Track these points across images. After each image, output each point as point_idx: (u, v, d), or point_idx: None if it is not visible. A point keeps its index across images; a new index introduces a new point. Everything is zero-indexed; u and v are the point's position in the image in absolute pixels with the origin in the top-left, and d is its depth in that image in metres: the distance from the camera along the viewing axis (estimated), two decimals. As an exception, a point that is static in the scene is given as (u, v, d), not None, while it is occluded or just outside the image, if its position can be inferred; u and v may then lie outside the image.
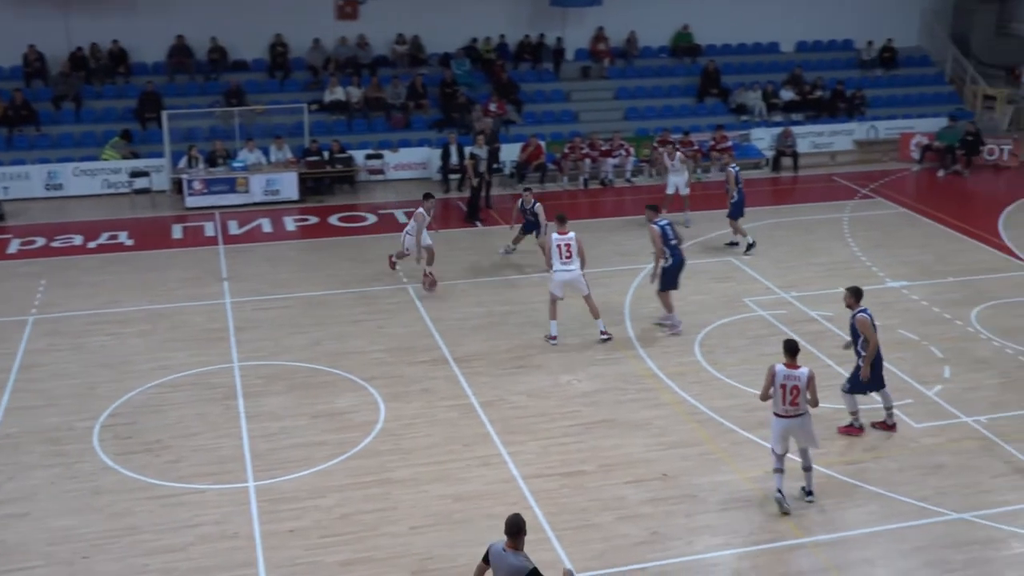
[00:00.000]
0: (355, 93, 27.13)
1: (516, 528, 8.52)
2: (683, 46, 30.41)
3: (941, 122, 28.59)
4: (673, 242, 16.67)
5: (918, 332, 16.81)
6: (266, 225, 22.81)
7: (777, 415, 11.83)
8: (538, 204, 19.67)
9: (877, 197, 24.85)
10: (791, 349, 11.78)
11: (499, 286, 19.05)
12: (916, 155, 28.11)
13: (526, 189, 20.62)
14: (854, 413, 13.71)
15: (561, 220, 16.50)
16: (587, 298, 16.43)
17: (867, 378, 13.37)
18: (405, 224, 22.52)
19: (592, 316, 16.47)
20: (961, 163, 27.17)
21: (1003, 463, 12.94)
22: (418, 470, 12.76)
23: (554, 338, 16.32)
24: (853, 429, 13.70)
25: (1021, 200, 24.72)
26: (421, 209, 18.58)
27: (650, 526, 11.64)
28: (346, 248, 21.38)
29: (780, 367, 11.71)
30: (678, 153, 22.85)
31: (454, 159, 25.06)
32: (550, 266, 16.35)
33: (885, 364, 13.60)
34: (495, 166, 24.53)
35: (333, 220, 23.26)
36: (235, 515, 11.83)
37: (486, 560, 8.66)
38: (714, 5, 30.43)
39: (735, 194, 20.58)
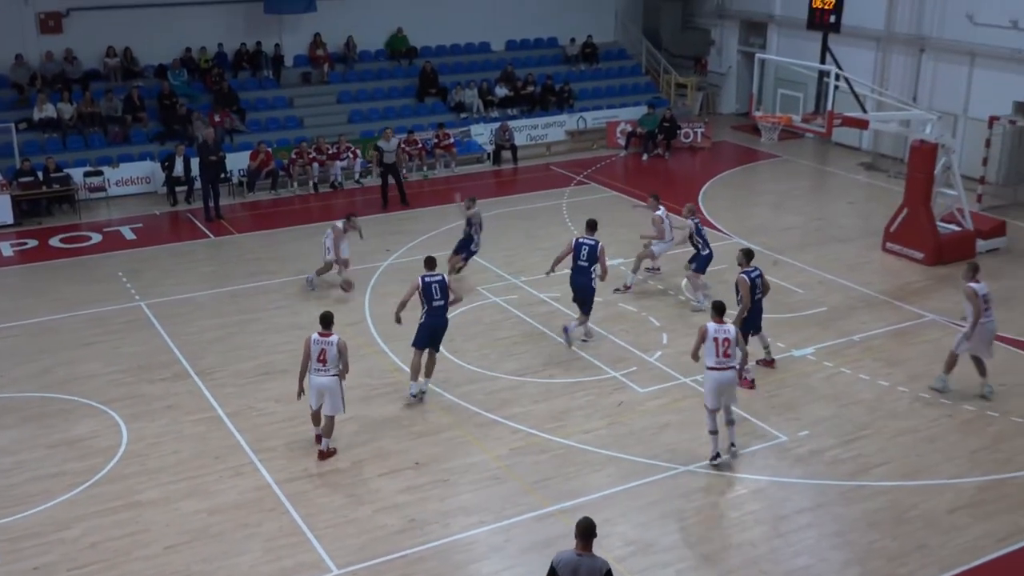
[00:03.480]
0: (67, 109, 25.84)
1: (588, 530, 8.59)
2: (399, 49, 30.99)
3: (641, 110, 30.69)
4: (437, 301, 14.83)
5: (637, 304, 18.16)
6: (-21, 252, 21.42)
7: (711, 368, 12.76)
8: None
9: (591, 183, 26.42)
10: (719, 308, 13.00)
11: (234, 296, 18.85)
12: (622, 141, 30.06)
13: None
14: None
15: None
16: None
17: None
18: (133, 240, 21.93)
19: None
20: (662, 147, 29.40)
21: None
22: (168, 488, 12.58)
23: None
24: (744, 382, 14.79)
25: (716, 177, 27.07)
26: (339, 223, 18.69)
27: (407, 514, 12.03)
28: (71, 270, 20.43)
29: (710, 324, 12.78)
30: None
31: (179, 171, 24.44)
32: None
33: (610, 336, 14.52)
34: (222, 175, 24.14)
35: (54, 242, 22.13)
36: (-27, 560, 11.25)
37: None
38: (425, 8, 31.17)
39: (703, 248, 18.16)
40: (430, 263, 14.92)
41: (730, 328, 12.84)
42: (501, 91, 30.56)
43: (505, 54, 32.64)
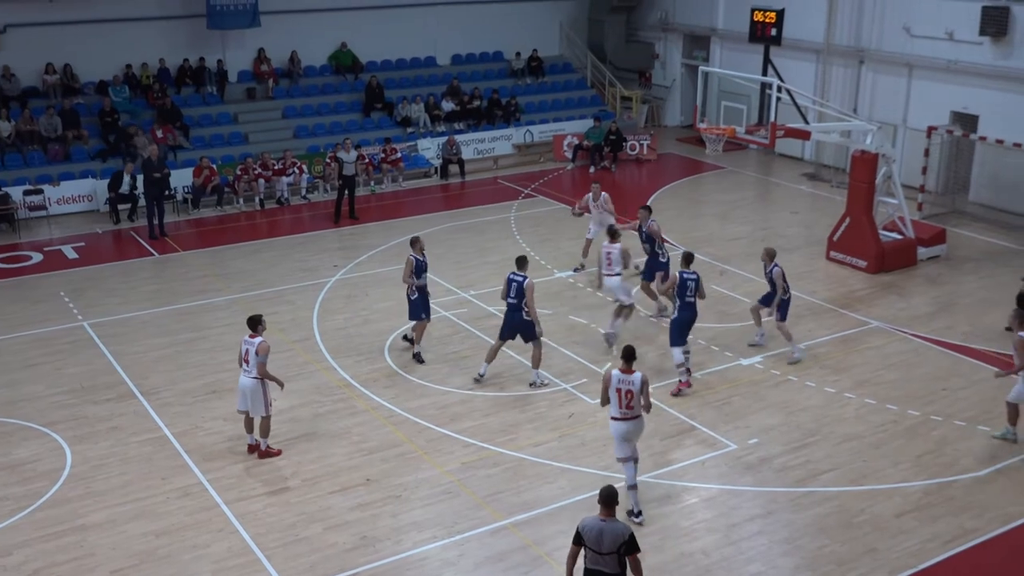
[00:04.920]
0: (5, 127, 25.41)
1: (611, 497, 9.08)
2: (344, 64, 30.90)
3: (587, 123, 30.90)
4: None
5: (586, 316, 18.22)
6: (-88, 275, 20.94)
7: (614, 418, 11.98)
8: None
9: (539, 196, 26.54)
10: (628, 355, 11.86)
11: (180, 314, 18.62)
12: (569, 154, 30.23)
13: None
14: (680, 366, 15.32)
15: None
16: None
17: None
18: (75, 259, 21.49)
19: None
20: (608, 159, 29.61)
21: (670, 426, 14.40)
22: (114, 511, 12.39)
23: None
24: (682, 384, 15.34)
25: (662, 189, 27.32)
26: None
27: (358, 531, 11.96)
28: (11, 290, 20.05)
29: (615, 372, 11.81)
30: None
31: (126, 188, 24.13)
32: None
33: (560, 348, 14.61)
34: (167, 192, 23.87)
35: (-8, 263, 21.79)
36: (-91, 591, 11.02)
37: (577, 542, 9.12)
38: (370, 23, 31.14)
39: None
40: (521, 263, 15.31)
41: (635, 379, 11.73)
42: (448, 105, 30.59)
43: (451, 68, 32.68)
